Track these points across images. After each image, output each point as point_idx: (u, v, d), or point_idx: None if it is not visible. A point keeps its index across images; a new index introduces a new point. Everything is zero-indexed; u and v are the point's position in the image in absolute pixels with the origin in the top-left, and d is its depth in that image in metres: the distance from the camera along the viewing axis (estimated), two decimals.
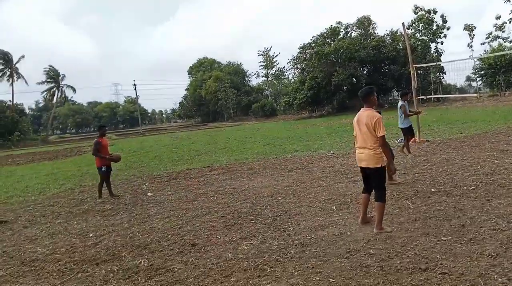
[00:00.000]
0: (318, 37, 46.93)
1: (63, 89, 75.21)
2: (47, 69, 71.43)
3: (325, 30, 46.80)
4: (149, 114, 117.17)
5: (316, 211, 5.57)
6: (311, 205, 5.92)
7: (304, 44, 47.88)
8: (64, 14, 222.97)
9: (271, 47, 73.46)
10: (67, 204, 7.99)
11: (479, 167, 7.32)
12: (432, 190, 6.03)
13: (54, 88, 73.84)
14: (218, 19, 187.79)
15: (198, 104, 75.66)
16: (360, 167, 4.66)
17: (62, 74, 72.95)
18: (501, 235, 3.93)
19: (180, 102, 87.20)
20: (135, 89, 70.70)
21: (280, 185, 7.69)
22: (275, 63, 72.05)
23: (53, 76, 71.94)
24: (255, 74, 76.80)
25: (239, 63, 78.52)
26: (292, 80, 60.64)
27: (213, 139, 24.31)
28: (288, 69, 66.70)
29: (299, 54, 49.39)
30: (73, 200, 8.36)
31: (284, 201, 6.39)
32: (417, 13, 42.84)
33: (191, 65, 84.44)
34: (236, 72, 74.72)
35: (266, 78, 74.91)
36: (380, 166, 4.38)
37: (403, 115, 9.45)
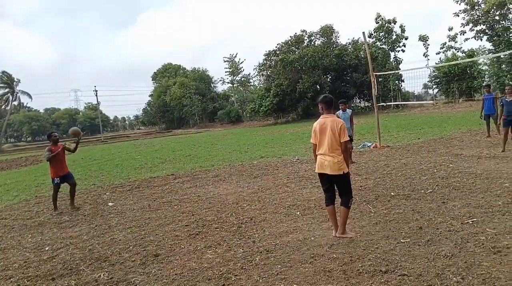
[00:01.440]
0: (283, 44, 47.72)
1: (17, 95, 71.55)
2: (0, 74, 67.73)
3: (289, 38, 47.66)
4: (111, 121, 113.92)
5: (281, 217, 5.59)
6: (276, 211, 5.95)
7: (269, 51, 48.55)
8: (19, 17, 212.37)
9: (236, 53, 73.80)
10: (21, 217, 7.55)
11: (435, 170, 7.67)
12: (392, 193, 6.23)
13: (8, 94, 70.10)
14: (183, 25, 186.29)
15: (163, 111, 74.51)
16: (321, 174, 4.58)
17: (17, 79, 69.40)
18: (456, 236, 4.12)
19: (143, 109, 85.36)
20: (96, 96, 68.52)
21: (245, 192, 7.67)
22: (240, 70, 72.36)
23: (7, 81, 68.29)
24: (220, 80, 76.84)
25: (204, 69, 78.27)
26: (258, 87, 61.13)
27: (178, 146, 23.96)
28: (253, 76, 67.23)
29: (264, 61, 49.93)
30: (27, 212, 7.92)
31: (249, 207, 6.38)
32: (378, 22, 44.67)
33: (156, 71, 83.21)
34: (202, 78, 74.38)
35: (231, 85, 75.02)
36: (343, 172, 4.43)
37: None
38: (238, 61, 71.33)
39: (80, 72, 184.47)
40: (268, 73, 49.76)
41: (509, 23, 34.94)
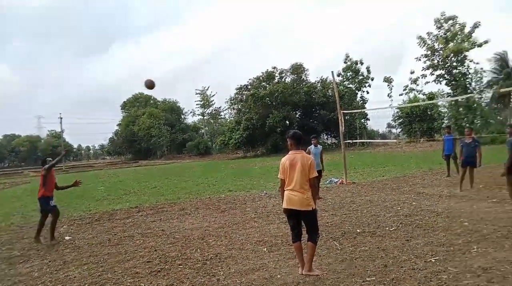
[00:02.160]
0: (255, 79, 48.83)
1: None
2: None
3: (261, 74, 48.89)
4: (75, 150, 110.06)
5: (247, 254, 5.46)
6: (243, 247, 5.81)
7: (241, 85, 49.47)
8: None
9: (208, 86, 74.48)
10: None
11: (399, 208, 7.84)
12: (358, 230, 6.27)
13: None
14: (155, 55, 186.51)
15: (130, 141, 72.89)
16: (289, 210, 4.54)
17: None
18: (420, 274, 4.15)
19: (110, 138, 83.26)
20: (61, 123, 66.25)
21: (211, 226, 7.49)
22: (211, 103, 73.02)
23: None
24: (191, 112, 76.94)
25: (175, 101, 78.39)
26: (228, 120, 61.61)
27: (143, 177, 23.33)
28: (224, 109, 67.84)
29: (236, 95, 50.72)
30: None
31: (215, 243, 6.20)
32: (347, 62, 46.93)
33: (125, 100, 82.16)
34: (172, 109, 74.20)
35: (202, 117, 75.22)
36: (311, 208, 4.44)
37: None
38: (210, 95, 72.14)
39: (45, 98, 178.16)
40: (239, 107, 50.45)
41: (465, 69, 37.52)
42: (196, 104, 73.40)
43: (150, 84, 7.26)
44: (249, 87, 48.44)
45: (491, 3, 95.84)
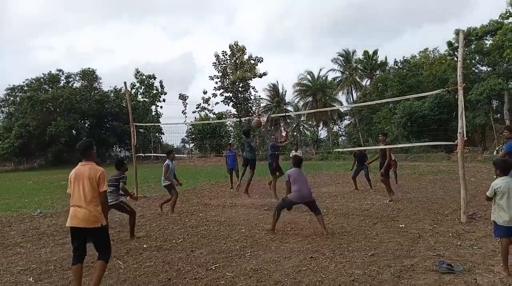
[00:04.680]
0: (33, 81, 42.08)
1: None
2: None
3: (42, 75, 42.63)
4: None
5: None
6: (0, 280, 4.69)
7: (13, 85, 41.69)
8: None
9: None
10: None
11: (187, 220, 8.08)
12: (145, 246, 6.07)
13: None
14: None
15: None
16: (74, 228, 4.01)
17: None
18: (201, 283, 4.30)
19: None
20: None
21: None
22: None
23: None
24: None
25: None
26: None
27: None
28: None
29: (6, 97, 42.35)
30: None
31: None
32: (138, 78, 46.48)
33: None
34: None
35: None
36: (100, 225, 4.00)
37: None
38: None
39: None
40: (11, 110, 42.34)
41: (248, 95, 43.23)
42: None
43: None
44: (26, 88, 41.40)
45: (271, 44, 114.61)
